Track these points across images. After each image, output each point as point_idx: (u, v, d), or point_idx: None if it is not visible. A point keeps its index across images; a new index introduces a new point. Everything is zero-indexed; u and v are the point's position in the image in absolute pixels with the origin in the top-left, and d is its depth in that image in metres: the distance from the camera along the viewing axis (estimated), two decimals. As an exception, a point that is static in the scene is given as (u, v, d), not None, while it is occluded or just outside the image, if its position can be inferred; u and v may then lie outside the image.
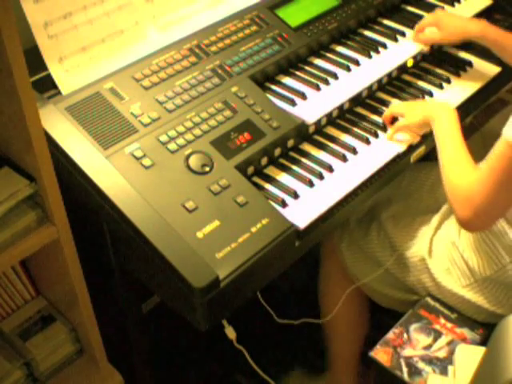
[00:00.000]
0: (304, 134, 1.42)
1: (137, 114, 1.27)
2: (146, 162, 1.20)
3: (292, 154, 1.39)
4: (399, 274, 1.54)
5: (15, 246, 1.08)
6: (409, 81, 1.65)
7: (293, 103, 1.43)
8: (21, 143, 1.03)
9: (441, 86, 1.62)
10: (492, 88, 1.65)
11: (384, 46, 1.63)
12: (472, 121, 2.05)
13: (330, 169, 1.35)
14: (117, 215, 1.15)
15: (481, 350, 1.23)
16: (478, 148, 1.46)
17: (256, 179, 1.32)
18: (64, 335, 1.36)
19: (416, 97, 1.58)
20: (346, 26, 1.65)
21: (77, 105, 1.25)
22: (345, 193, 1.32)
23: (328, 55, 1.59)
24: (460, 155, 1.32)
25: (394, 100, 1.57)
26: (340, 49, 1.62)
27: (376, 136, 1.45)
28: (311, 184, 1.31)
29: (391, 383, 1.34)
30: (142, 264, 1.21)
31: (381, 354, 1.36)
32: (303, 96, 1.44)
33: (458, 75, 1.66)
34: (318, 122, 1.44)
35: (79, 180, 1.18)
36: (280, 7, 1.58)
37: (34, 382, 1.33)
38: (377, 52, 1.60)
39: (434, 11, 1.70)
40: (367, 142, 1.43)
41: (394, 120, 1.48)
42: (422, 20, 1.65)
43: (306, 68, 1.54)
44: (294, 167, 1.36)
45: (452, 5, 1.81)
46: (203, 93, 1.35)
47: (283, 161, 1.37)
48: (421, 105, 1.50)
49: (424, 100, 1.56)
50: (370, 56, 1.59)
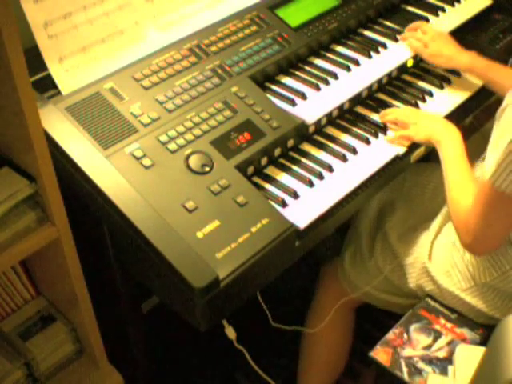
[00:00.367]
0: (304, 134, 1.42)
1: (137, 114, 1.27)
2: (146, 162, 1.20)
3: (292, 154, 1.39)
4: (397, 281, 1.54)
5: (15, 246, 1.08)
6: (409, 81, 1.65)
7: (293, 103, 1.43)
8: (21, 143, 1.03)
9: (441, 86, 1.62)
10: (492, 88, 1.65)
11: (384, 46, 1.63)
12: (472, 121, 2.05)
13: (330, 169, 1.35)
14: (117, 215, 1.15)
15: (481, 350, 1.22)
16: (478, 148, 1.46)
17: (256, 179, 1.32)
18: (64, 335, 1.36)
19: (416, 97, 1.58)
20: (346, 26, 1.65)
21: (77, 105, 1.25)
22: (345, 193, 1.32)
23: (328, 55, 1.59)
24: (464, 182, 1.31)
25: (395, 101, 1.57)
26: (340, 49, 1.62)
27: (376, 136, 1.45)
28: (311, 184, 1.31)
29: (391, 383, 1.34)
30: (142, 264, 1.21)
31: (381, 354, 1.36)
32: (303, 96, 1.44)
33: (459, 75, 1.66)
34: (318, 122, 1.44)
35: (79, 180, 1.18)
36: (280, 7, 1.58)
37: (34, 382, 1.33)
38: (377, 52, 1.60)
39: (423, 27, 1.65)
40: (367, 142, 1.43)
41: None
42: (408, 34, 1.64)
43: (306, 68, 1.54)
44: (294, 167, 1.36)
45: (452, 5, 1.81)
46: (203, 93, 1.35)
47: (283, 161, 1.37)
48: (427, 123, 1.44)
49: (430, 116, 1.49)
50: (370, 56, 1.59)
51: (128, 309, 1.44)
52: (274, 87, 1.48)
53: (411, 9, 1.80)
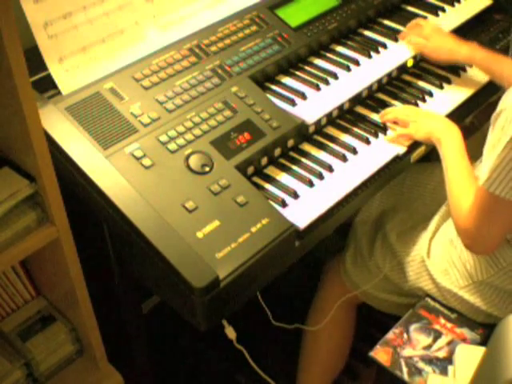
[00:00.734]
0: (304, 134, 1.42)
1: (137, 114, 1.27)
2: (146, 162, 1.20)
3: (292, 154, 1.39)
4: (397, 280, 1.54)
5: (15, 246, 1.08)
6: (409, 81, 1.65)
7: (293, 103, 1.43)
8: (21, 143, 1.03)
9: (441, 86, 1.62)
10: (492, 87, 1.65)
11: (384, 46, 1.63)
12: (472, 120, 2.04)
13: (330, 169, 1.35)
14: (117, 215, 1.15)
15: (481, 350, 1.22)
16: (479, 148, 1.46)
17: (256, 179, 1.32)
18: (64, 335, 1.36)
19: (416, 97, 1.58)
20: (346, 26, 1.65)
21: (77, 105, 1.25)
22: (345, 193, 1.32)
23: (328, 55, 1.59)
24: (464, 181, 1.31)
25: (395, 101, 1.57)
26: (340, 49, 1.62)
27: (376, 136, 1.45)
28: (311, 184, 1.31)
29: (391, 383, 1.34)
30: (142, 264, 1.21)
31: (381, 354, 1.36)
32: (303, 96, 1.44)
33: (458, 75, 1.66)
34: (318, 122, 1.44)
35: (79, 180, 1.18)
36: (280, 7, 1.58)
37: (34, 382, 1.33)
38: (377, 52, 1.60)
39: (420, 23, 1.65)
40: (367, 142, 1.43)
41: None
42: (407, 32, 1.64)
43: (306, 68, 1.54)
44: (294, 167, 1.36)
45: (452, 5, 1.81)
46: (203, 93, 1.35)
47: (283, 161, 1.37)
48: (427, 121, 1.44)
49: (429, 114, 1.49)
50: (370, 56, 1.59)
51: (128, 309, 1.44)
52: (274, 87, 1.48)
53: (411, 9, 1.80)
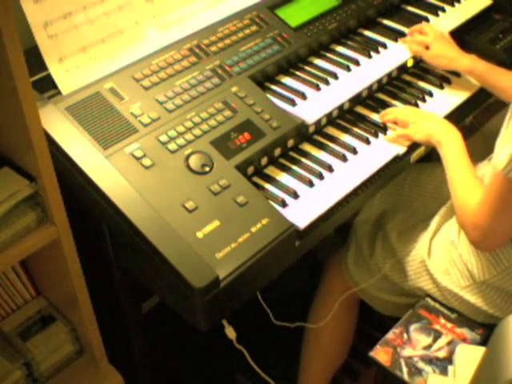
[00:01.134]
0: (304, 134, 1.42)
1: (137, 114, 1.27)
2: (146, 162, 1.20)
3: (292, 154, 1.39)
4: (398, 280, 1.54)
5: (15, 246, 1.08)
6: (409, 81, 1.65)
7: (293, 103, 1.43)
8: (21, 143, 1.03)
9: (441, 86, 1.62)
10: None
11: (384, 46, 1.63)
12: (472, 121, 2.05)
13: (330, 169, 1.35)
14: (117, 215, 1.15)
15: (481, 350, 1.23)
16: (479, 148, 1.46)
17: (256, 179, 1.32)
18: (64, 335, 1.36)
19: (416, 97, 1.58)
20: (346, 26, 1.65)
21: (77, 105, 1.25)
22: (345, 193, 1.32)
23: (328, 55, 1.59)
24: (468, 179, 1.31)
25: (395, 101, 1.57)
26: (340, 49, 1.62)
27: (376, 136, 1.45)
28: (311, 184, 1.31)
29: (391, 383, 1.34)
30: (142, 264, 1.21)
31: (381, 354, 1.36)
32: (303, 96, 1.44)
33: (458, 75, 1.66)
34: (318, 122, 1.44)
35: (79, 180, 1.18)
36: (280, 7, 1.58)
37: (34, 382, 1.33)
38: (377, 52, 1.60)
39: (424, 29, 1.65)
40: (367, 142, 1.43)
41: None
42: (410, 37, 1.64)
43: (306, 68, 1.54)
44: (294, 167, 1.36)
45: (452, 5, 1.81)
46: (203, 93, 1.35)
47: (283, 161, 1.37)
48: (426, 123, 1.44)
49: (429, 115, 1.49)
50: (370, 56, 1.59)
51: (128, 309, 1.43)
52: (274, 87, 1.48)
53: (411, 9, 1.80)
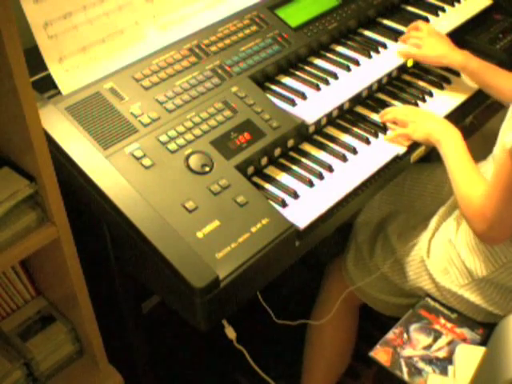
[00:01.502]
0: (304, 134, 1.42)
1: (137, 114, 1.27)
2: (146, 162, 1.20)
3: (292, 154, 1.39)
4: (398, 280, 1.54)
5: (15, 246, 1.08)
6: (409, 81, 1.65)
7: (293, 103, 1.43)
8: (21, 143, 1.03)
9: (441, 86, 1.62)
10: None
11: (384, 46, 1.63)
12: (472, 121, 2.05)
13: (330, 169, 1.35)
14: (117, 215, 1.15)
15: (481, 350, 1.23)
16: (479, 148, 1.46)
17: (256, 179, 1.32)
18: (64, 335, 1.36)
19: (416, 97, 1.58)
20: (346, 26, 1.65)
21: (77, 105, 1.25)
22: (345, 193, 1.32)
23: (328, 55, 1.59)
24: (470, 172, 1.32)
25: (395, 101, 1.57)
26: (340, 49, 1.62)
27: (376, 136, 1.45)
28: (311, 184, 1.31)
29: (391, 383, 1.34)
30: (142, 264, 1.21)
31: (381, 354, 1.36)
32: (303, 96, 1.44)
33: (458, 75, 1.66)
34: (318, 122, 1.44)
35: (79, 180, 1.18)
36: (280, 7, 1.58)
37: (34, 382, 1.33)
38: (377, 52, 1.60)
39: (419, 25, 1.66)
40: (367, 142, 1.43)
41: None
42: (406, 35, 1.64)
43: (306, 68, 1.54)
44: (294, 167, 1.36)
45: (452, 5, 1.81)
46: (203, 93, 1.35)
47: (283, 161, 1.37)
48: (425, 122, 1.44)
49: (428, 114, 1.49)
50: (370, 56, 1.59)
51: (128, 309, 1.43)
52: (274, 87, 1.48)
53: (411, 9, 1.80)
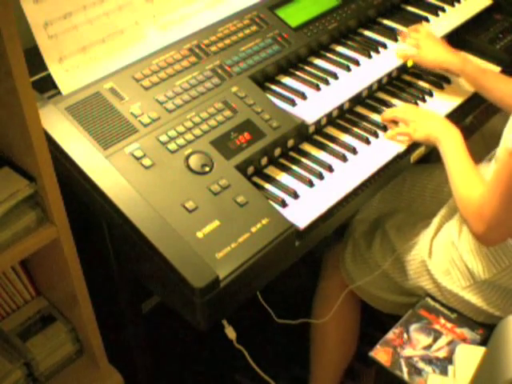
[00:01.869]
0: (304, 134, 1.42)
1: (137, 114, 1.27)
2: (146, 162, 1.20)
3: (292, 154, 1.39)
4: (399, 278, 1.54)
5: (15, 246, 1.08)
6: (409, 81, 1.65)
7: (293, 103, 1.43)
8: (21, 143, 1.03)
9: (441, 86, 1.62)
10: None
11: (384, 46, 1.63)
12: (472, 121, 2.05)
13: (330, 169, 1.35)
14: (117, 215, 1.15)
15: (481, 350, 1.23)
16: (479, 148, 1.46)
17: (256, 179, 1.32)
18: (64, 335, 1.36)
19: (416, 97, 1.58)
20: (346, 26, 1.65)
21: (77, 105, 1.25)
22: (345, 193, 1.32)
23: (328, 55, 1.59)
24: (469, 173, 1.32)
25: (395, 101, 1.57)
26: (340, 49, 1.62)
27: (376, 136, 1.45)
28: (311, 184, 1.31)
29: (391, 383, 1.34)
30: (142, 264, 1.21)
31: (381, 354, 1.36)
32: (303, 96, 1.44)
33: (458, 75, 1.66)
34: (318, 122, 1.44)
35: (79, 180, 1.18)
36: (280, 7, 1.58)
37: (34, 382, 1.34)
38: (377, 52, 1.60)
39: (418, 28, 1.66)
40: (367, 142, 1.43)
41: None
42: (404, 36, 1.64)
43: (306, 68, 1.54)
44: (294, 167, 1.36)
45: (452, 5, 1.81)
46: (203, 93, 1.35)
47: (283, 161, 1.37)
48: (425, 121, 1.44)
49: (428, 114, 1.49)
50: (370, 56, 1.59)
51: (128, 309, 1.44)
52: (274, 87, 1.48)
53: (411, 9, 1.80)
